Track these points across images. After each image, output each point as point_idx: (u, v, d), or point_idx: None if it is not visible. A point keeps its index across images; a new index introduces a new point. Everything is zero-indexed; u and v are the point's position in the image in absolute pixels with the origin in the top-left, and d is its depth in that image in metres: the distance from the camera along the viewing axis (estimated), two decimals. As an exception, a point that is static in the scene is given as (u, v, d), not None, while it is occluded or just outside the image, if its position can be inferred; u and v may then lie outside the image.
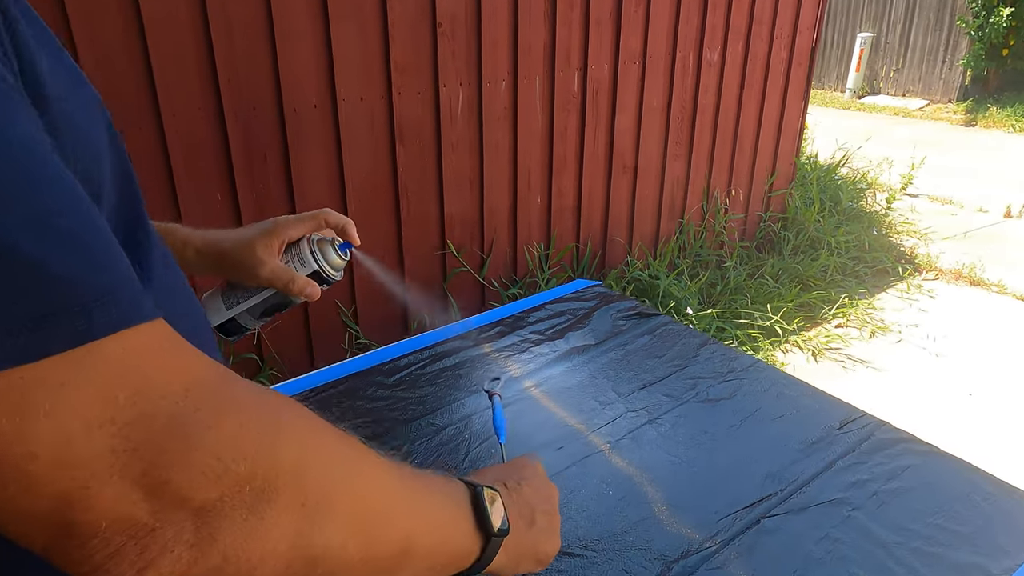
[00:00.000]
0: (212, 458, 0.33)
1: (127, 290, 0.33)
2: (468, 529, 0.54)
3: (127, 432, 0.31)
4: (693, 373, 1.28)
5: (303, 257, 0.83)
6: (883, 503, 0.95)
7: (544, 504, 0.67)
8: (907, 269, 4.00)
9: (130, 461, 0.31)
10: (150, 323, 0.34)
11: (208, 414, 0.34)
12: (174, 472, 0.32)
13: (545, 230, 3.04)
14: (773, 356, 3.09)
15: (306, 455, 0.38)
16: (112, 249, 0.33)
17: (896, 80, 9.01)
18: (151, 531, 0.32)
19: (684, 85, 3.32)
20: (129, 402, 0.31)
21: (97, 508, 0.31)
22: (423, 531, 0.48)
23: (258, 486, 0.35)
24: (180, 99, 1.95)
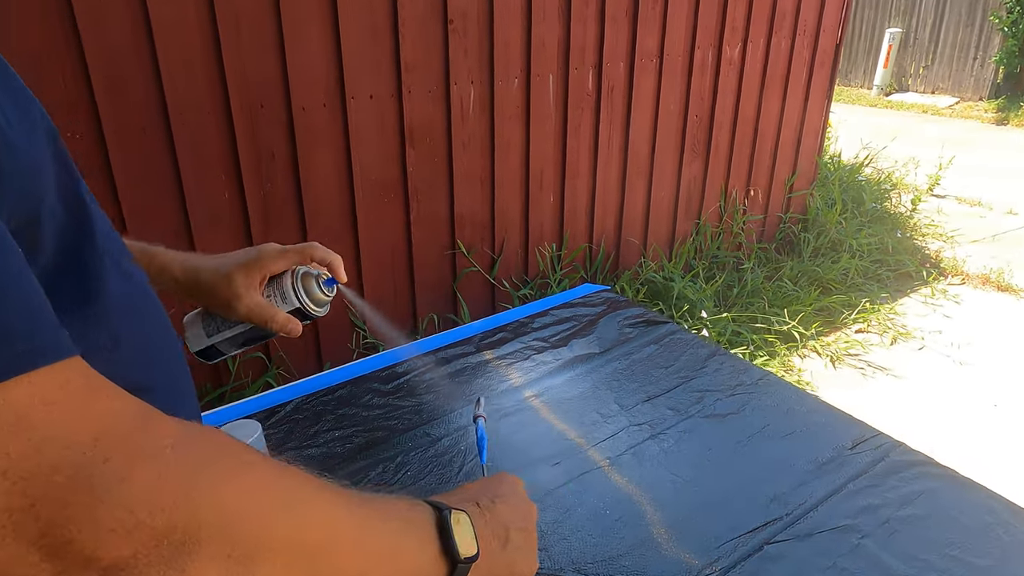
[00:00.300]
0: (123, 512, 0.31)
1: (26, 331, 0.30)
2: (433, 555, 0.51)
3: (23, 488, 0.28)
4: (700, 386, 1.24)
5: (285, 293, 0.79)
6: (895, 531, 0.90)
7: (520, 522, 0.64)
8: (932, 273, 3.89)
9: (25, 520, 0.29)
10: (62, 363, 0.31)
11: (120, 464, 0.31)
12: (79, 530, 0.29)
13: (557, 230, 3.00)
14: (790, 361, 3.02)
15: (235, 501, 0.36)
16: (16, 288, 0.31)
17: (925, 77, 8.80)
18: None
19: (702, 83, 3.25)
20: (25, 454, 0.29)
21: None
22: (375, 565, 0.46)
23: (177, 539, 0.32)
24: (188, 97, 1.94)
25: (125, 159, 1.89)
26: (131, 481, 0.31)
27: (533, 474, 1.02)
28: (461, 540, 0.53)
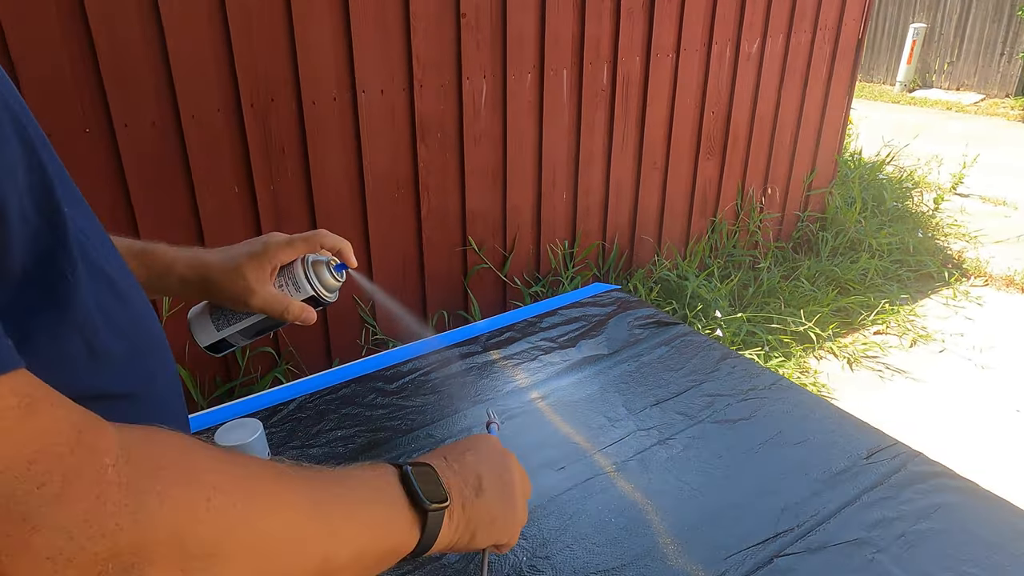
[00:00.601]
0: (62, 539, 0.29)
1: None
2: (404, 512, 0.51)
3: None
4: (711, 390, 1.20)
5: (298, 282, 0.77)
6: (911, 546, 0.87)
7: (494, 469, 0.63)
8: (954, 274, 3.81)
9: None
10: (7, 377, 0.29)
11: (56, 488, 0.29)
12: (11, 562, 0.28)
13: (570, 227, 2.97)
14: (806, 363, 2.96)
15: (185, 514, 0.34)
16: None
17: (950, 73, 8.63)
18: None
19: (720, 79, 3.20)
20: None
21: None
22: (350, 541, 0.46)
23: (125, 562, 0.31)
24: (198, 91, 1.93)
25: (134, 153, 1.89)
26: (69, 505, 0.29)
27: (537, 479, 0.99)
28: (427, 489, 0.53)
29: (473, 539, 0.59)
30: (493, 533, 0.60)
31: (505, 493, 0.62)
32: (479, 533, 0.59)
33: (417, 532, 0.52)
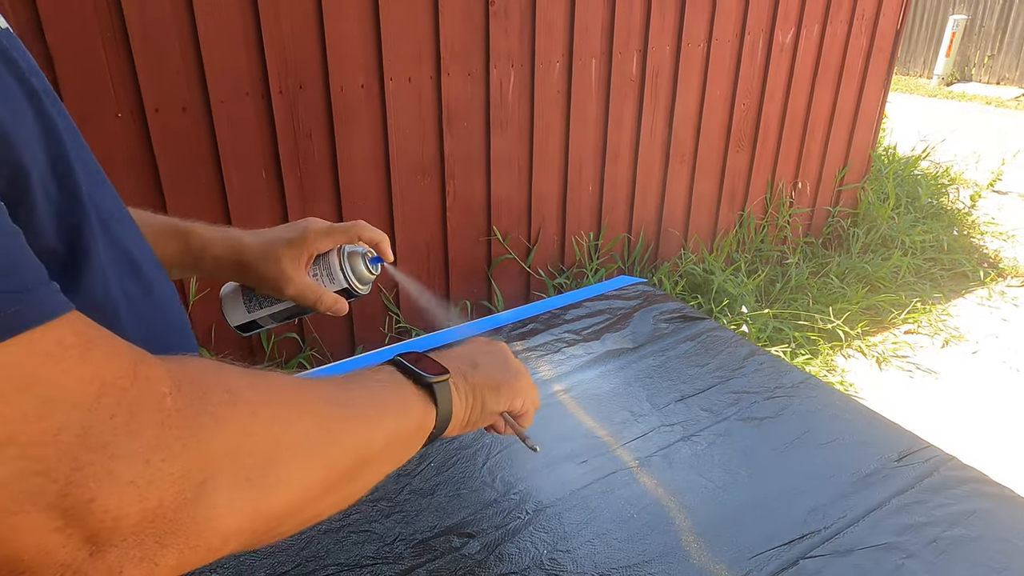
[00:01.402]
0: (139, 463, 0.30)
1: (16, 290, 0.29)
2: (412, 391, 0.55)
3: (34, 452, 0.28)
4: (737, 387, 1.18)
5: (333, 273, 0.77)
6: (943, 552, 0.85)
7: (484, 347, 0.68)
8: (989, 274, 3.71)
9: (43, 484, 0.28)
10: (57, 320, 0.30)
11: (125, 418, 0.31)
12: (98, 489, 0.29)
13: (595, 219, 2.94)
14: (833, 361, 2.91)
15: (238, 430, 0.36)
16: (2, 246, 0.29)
17: (990, 67, 8.38)
18: (88, 557, 0.29)
19: (752, 70, 3.14)
20: (34, 416, 0.28)
21: (15, 540, 0.27)
22: (373, 425, 0.49)
23: (196, 479, 0.33)
24: (228, 76, 1.94)
25: (165, 137, 1.91)
26: (139, 433, 0.31)
27: (559, 472, 0.99)
28: (425, 370, 0.56)
29: (485, 406, 0.64)
30: (503, 397, 0.66)
31: (500, 363, 0.68)
32: (488, 399, 0.64)
33: (432, 406, 0.56)
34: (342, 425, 0.46)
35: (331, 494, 0.44)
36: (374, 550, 0.85)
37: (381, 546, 0.86)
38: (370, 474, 0.49)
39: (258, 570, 0.82)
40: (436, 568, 0.83)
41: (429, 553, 0.85)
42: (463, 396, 0.61)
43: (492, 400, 0.64)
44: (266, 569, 0.83)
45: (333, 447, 0.43)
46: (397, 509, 0.91)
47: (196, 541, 0.33)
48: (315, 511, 0.43)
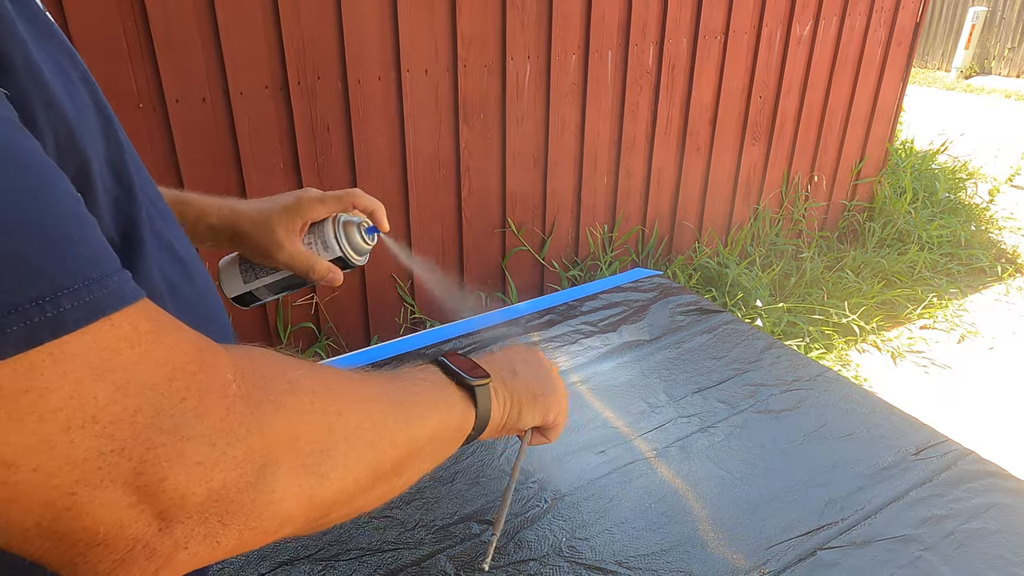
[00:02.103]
0: (206, 446, 0.32)
1: (97, 277, 0.30)
2: (454, 391, 0.56)
3: (111, 431, 0.29)
4: (754, 379, 1.19)
5: (327, 242, 0.77)
6: (960, 545, 0.85)
7: (523, 354, 0.69)
8: (1007, 269, 3.67)
9: (119, 462, 0.29)
10: (131, 307, 0.31)
11: (194, 402, 0.32)
12: (169, 469, 0.30)
13: (610, 211, 2.94)
14: (847, 356, 2.90)
15: (296, 418, 0.37)
16: (83, 233, 0.31)
17: (1011, 59, 8.25)
18: (158, 533, 0.31)
19: (769, 62, 3.11)
20: (111, 399, 0.29)
21: (91, 514, 0.29)
22: (419, 421, 0.50)
23: (258, 463, 0.34)
24: (247, 68, 1.95)
25: (185, 128, 1.93)
26: (207, 417, 0.32)
27: (576, 461, 1.00)
28: (468, 372, 0.58)
29: (521, 415, 0.64)
30: (538, 408, 0.66)
31: (540, 373, 0.68)
32: (525, 408, 0.64)
33: (472, 408, 0.57)
34: (392, 419, 0.46)
35: (379, 486, 0.45)
36: (395, 535, 0.87)
37: (402, 532, 0.87)
38: (413, 470, 0.50)
39: (282, 553, 0.84)
40: (456, 554, 0.84)
41: (449, 539, 0.86)
42: (501, 401, 0.62)
43: (528, 409, 0.65)
44: (289, 552, 0.84)
45: (383, 440, 0.44)
46: (418, 496, 0.93)
47: (255, 523, 0.34)
48: (363, 502, 0.44)
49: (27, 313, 0.27)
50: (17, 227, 0.27)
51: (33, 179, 0.29)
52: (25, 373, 0.27)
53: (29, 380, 0.27)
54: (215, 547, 0.33)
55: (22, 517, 0.28)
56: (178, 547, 0.31)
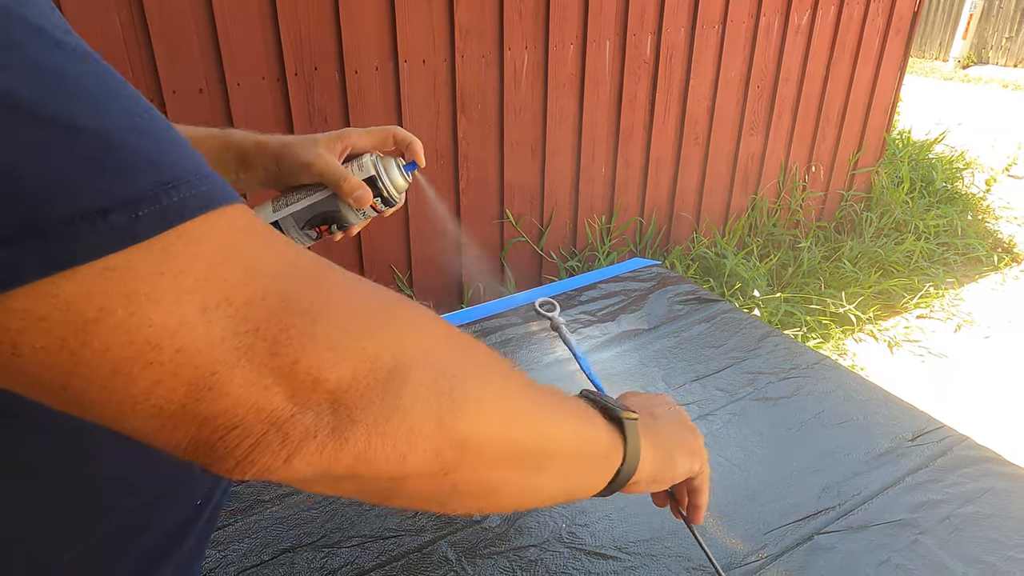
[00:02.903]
0: (336, 331, 0.32)
1: (208, 173, 0.31)
2: (600, 417, 0.53)
3: (245, 312, 0.29)
4: (752, 367, 1.20)
5: (363, 164, 0.78)
6: (956, 529, 0.86)
7: (657, 401, 0.67)
8: (1003, 258, 3.68)
9: (254, 342, 0.30)
10: (239, 205, 0.32)
11: (318, 291, 0.32)
12: (302, 351, 0.30)
13: (608, 202, 2.94)
14: (844, 346, 2.91)
15: (429, 336, 0.37)
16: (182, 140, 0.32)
17: (1008, 49, 8.25)
18: (291, 417, 0.31)
19: (767, 51, 3.11)
20: (241, 281, 0.30)
21: (230, 395, 0.29)
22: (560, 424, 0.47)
23: (387, 363, 0.33)
24: (244, 58, 1.95)
25: (182, 119, 1.91)
26: (332, 304, 0.32)
27: (576, 449, 1.00)
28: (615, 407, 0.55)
29: (674, 463, 0.61)
30: (685, 456, 0.62)
31: (679, 419, 0.65)
32: (676, 455, 0.61)
33: (619, 439, 0.53)
34: (530, 398, 0.44)
35: (507, 465, 0.41)
36: (397, 522, 0.88)
37: (404, 518, 0.88)
38: (548, 477, 0.46)
39: (284, 540, 0.85)
40: (458, 540, 0.85)
41: (451, 526, 0.87)
42: (652, 446, 0.57)
43: (680, 457, 0.61)
44: (292, 540, 0.85)
45: (523, 406, 0.42)
46: (419, 483, 0.93)
47: (383, 427, 0.33)
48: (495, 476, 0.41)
49: (157, 198, 0.28)
50: (143, 126, 0.29)
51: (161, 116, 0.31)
52: (159, 256, 0.28)
53: (163, 263, 0.28)
54: (343, 445, 0.32)
55: (168, 398, 0.28)
56: (308, 435, 0.31)
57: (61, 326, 0.26)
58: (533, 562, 0.82)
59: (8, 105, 0.25)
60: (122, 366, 0.27)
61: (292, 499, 0.90)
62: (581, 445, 0.49)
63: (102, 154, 0.27)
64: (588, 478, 0.51)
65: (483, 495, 0.41)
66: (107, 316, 0.27)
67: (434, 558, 0.82)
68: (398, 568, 0.81)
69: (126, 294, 0.27)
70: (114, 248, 0.26)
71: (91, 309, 0.26)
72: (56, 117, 0.26)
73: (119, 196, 0.27)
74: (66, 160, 0.26)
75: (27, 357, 0.26)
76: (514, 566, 0.82)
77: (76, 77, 0.28)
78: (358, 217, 0.80)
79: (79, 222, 0.26)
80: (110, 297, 0.26)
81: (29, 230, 0.25)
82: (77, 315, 0.26)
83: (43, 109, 0.26)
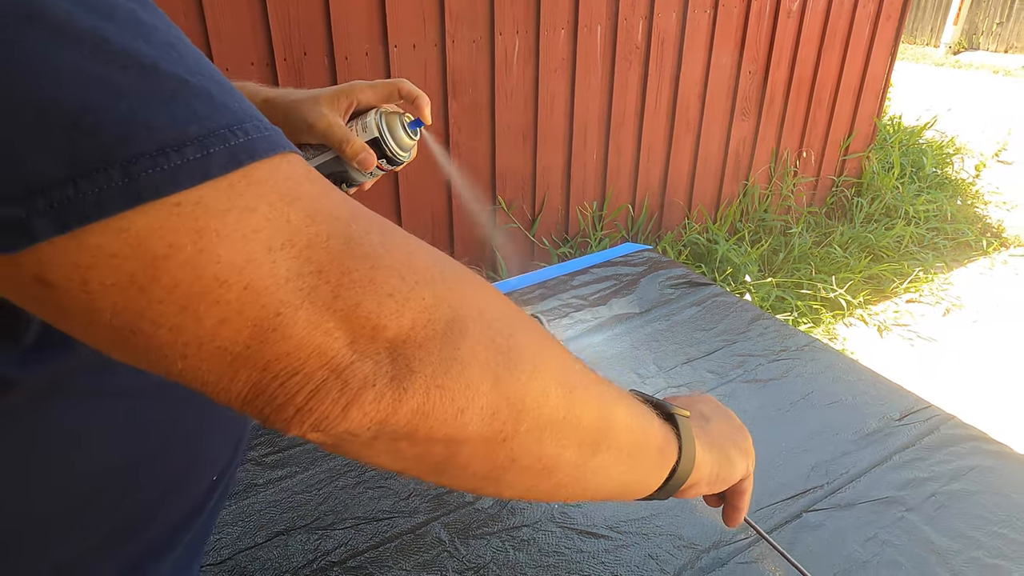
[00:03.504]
0: (396, 278, 0.31)
1: (264, 126, 0.31)
2: (653, 415, 0.51)
3: (308, 254, 0.29)
4: (742, 350, 1.20)
5: (367, 125, 0.76)
6: (942, 506, 0.87)
7: (705, 400, 0.65)
8: (992, 243, 3.71)
9: (318, 284, 0.29)
10: (298, 155, 0.32)
11: (379, 236, 0.32)
12: (363, 295, 0.30)
13: (600, 188, 2.94)
14: (834, 330, 2.94)
15: (484, 294, 0.36)
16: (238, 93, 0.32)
17: (999, 35, 8.27)
18: (350, 364, 0.30)
19: (758, 36, 3.10)
20: (303, 223, 0.29)
21: (293, 337, 0.29)
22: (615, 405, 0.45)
23: (445, 315, 0.33)
24: (232, 43, 1.93)
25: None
26: (393, 251, 0.32)
27: (568, 431, 1.01)
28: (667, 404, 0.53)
29: (731, 462, 0.59)
30: (741, 457, 0.61)
31: (729, 418, 0.64)
32: (734, 455, 0.59)
33: (674, 436, 0.51)
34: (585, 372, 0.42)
35: (572, 439, 0.40)
36: (390, 504, 0.88)
37: (397, 500, 0.89)
38: (612, 461, 0.44)
39: (278, 522, 0.85)
40: (451, 521, 0.86)
41: (444, 507, 0.88)
42: (708, 447, 0.55)
43: (737, 457, 0.59)
44: (286, 522, 0.85)
45: (579, 379, 0.41)
46: (412, 466, 0.94)
47: (441, 379, 0.32)
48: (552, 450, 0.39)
49: (224, 137, 0.28)
50: (207, 72, 0.30)
51: None
52: (227, 192, 0.28)
53: (230, 199, 0.28)
54: (401, 395, 0.31)
55: (233, 340, 0.28)
56: (367, 383, 0.30)
57: (131, 262, 0.26)
58: (525, 541, 0.83)
59: (96, 40, 0.26)
60: (190, 302, 0.27)
61: (285, 483, 0.91)
62: (636, 434, 0.47)
63: (177, 93, 0.28)
64: (644, 471, 0.49)
65: (539, 471, 0.39)
66: (176, 252, 0.26)
67: (427, 539, 0.83)
68: (391, 549, 0.82)
69: (196, 230, 0.27)
70: (185, 184, 0.27)
71: (161, 245, 0.26)
72: (138, 56, 0.27)
73: (192, 133, 0.27)
74: (145, 97, 0.27)
75: (97, 294, 0.26)
76: (507, 545, 0.82)
77: (146, 23, 0.29)
78: (364, 176, 0.79)
79: (156, 156, 0.26)
80: (180, 233, 0.26)
81: (107, 164, 0.25)
82: (147, 251, 0.26)
83: (125, 48, 0.27)
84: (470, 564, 0.80)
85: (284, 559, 0.80)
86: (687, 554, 0.82)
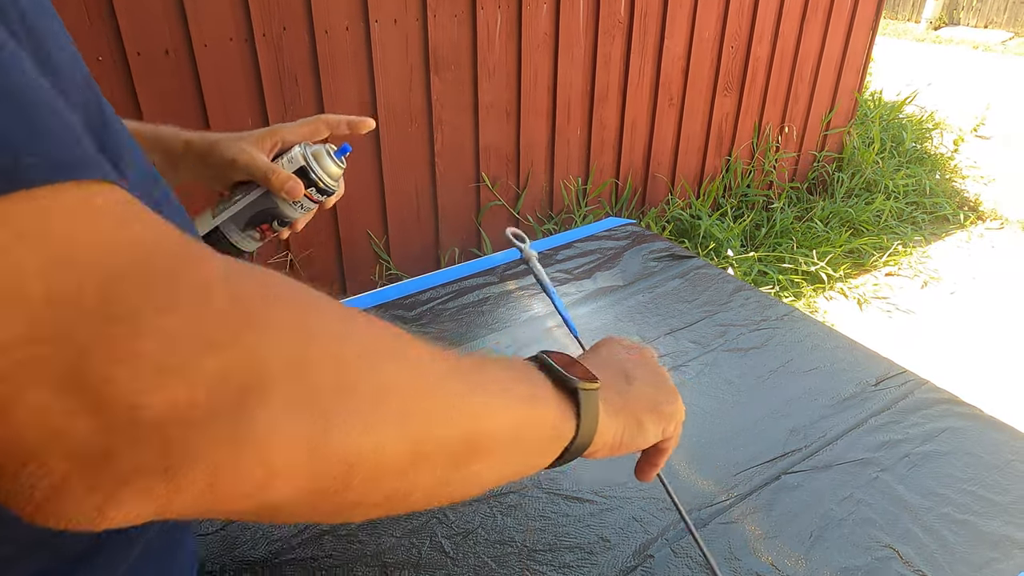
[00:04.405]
0: (168, 341, 0.25)
1: (53, 144, 0.25)
2: (550, 390, 0.46)
3: (43, 313, 0.23)
4: (724, 320, 1.23)
5: (292, 157, 0.77)
6: (915, 466, 0.90)
7: (638, 358, 0.59)
8: (969, 217, 3.77)
9: (53, 353, 0.23)
10: (95, 183, 0.26)
11: (164, 292, 0.25)
12: (118, 368, 0.24)
13: (584, 164, 2.95)
14: (815, 303, 2.98)
15: (305, 337, 0.29)
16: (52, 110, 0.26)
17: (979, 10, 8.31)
18: (103, 453, 0.24)
19: (741, 11, 3.10)
20: (48, 272, 0.23)
21: (16, 420, 0.23)
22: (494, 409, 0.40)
23: (241, 383, 0.26)
24: (211, 18, 1.90)
25: (148, 82, 1.87)
26: (176, 311, 0.25)
27: (554, 401, 1.03)
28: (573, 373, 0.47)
29: (643, 430, 0.54)
30: (661, 421, 0.56)
31: (658, 378, 0.59)
32: (646, 420, 0.54)
33: (572, 414, 0.46)
34: (450, 386, 0.37)
35: (425, 468, 0.35)
36: (380, 474, 0.89)
37: (386, 470, 0.90)
38: (485, 466, 0.39)
39: (270, 494, 0.86)
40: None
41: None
42: (614, 413, 0.51)
43: (651, 422, 0.55)
44: (277, 493, 0.87)
45: (434, 406, 0.35)
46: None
47: (231, 463, 0.26)
48: (401, 485, 0.34)
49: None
50: None
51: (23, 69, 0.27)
52: None
53: None
54: (176, 488, 0.25)
55: None
56: (125, 478, 0.24)
57: None
58: (513, 507, 0.85)
59: None
60: None
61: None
62: (520, 430, 0.42)
63: None
64: (529, 458, 0.45)
65: (397, 500, 0.35)
66: None
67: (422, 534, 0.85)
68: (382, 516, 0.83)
69: None
70: None
71: None
72: None
73: None
74: None
75: None
76: (495, 511, 0.84)
77: None
78: (296, 211, 0.79)
79: None
80: None
81: None
82: None
83: None
84: (459, 529, 0.82)
85: (275, 528, 0.81)
86: (670, 516, 0.84)
